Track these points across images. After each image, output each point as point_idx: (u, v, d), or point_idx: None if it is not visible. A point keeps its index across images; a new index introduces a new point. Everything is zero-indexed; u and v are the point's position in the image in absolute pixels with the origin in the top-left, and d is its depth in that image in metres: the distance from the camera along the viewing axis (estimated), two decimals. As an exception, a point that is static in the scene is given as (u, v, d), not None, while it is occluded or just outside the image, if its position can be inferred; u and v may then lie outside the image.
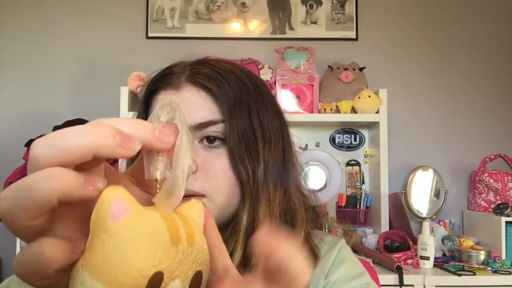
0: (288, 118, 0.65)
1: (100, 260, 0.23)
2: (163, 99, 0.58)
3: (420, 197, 2.17)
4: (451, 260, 1.87)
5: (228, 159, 0.56)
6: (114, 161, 1.95)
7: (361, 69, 2.11)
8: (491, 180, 2.05)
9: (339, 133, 2.21)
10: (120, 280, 0.23)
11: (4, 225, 0.23)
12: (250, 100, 0.58)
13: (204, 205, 0.30)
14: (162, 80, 0.59)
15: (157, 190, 0.27)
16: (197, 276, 0.27)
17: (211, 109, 0.56)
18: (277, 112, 0.63)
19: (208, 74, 0.58)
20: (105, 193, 0.24)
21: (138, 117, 0.60)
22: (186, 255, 0.25)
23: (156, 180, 0.27)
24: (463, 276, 1.68)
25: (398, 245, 1.91)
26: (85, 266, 0.24)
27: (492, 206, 2.02)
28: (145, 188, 0.31)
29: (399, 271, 1.64)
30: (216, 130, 0.56)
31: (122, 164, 0.74)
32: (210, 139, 0.56)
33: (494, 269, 1.74)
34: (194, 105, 0.56)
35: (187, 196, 0.48)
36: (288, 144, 0.63)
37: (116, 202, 0.24)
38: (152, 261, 0.23)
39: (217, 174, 0.55)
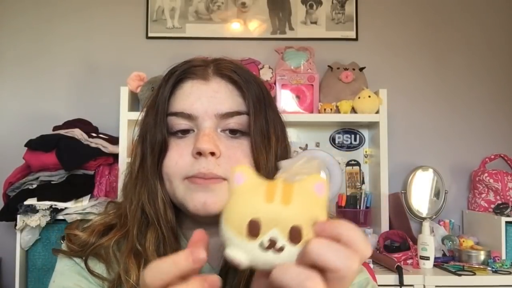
0: (288, 118, 0.70)
1: (227, 211, 0.37)
2: (191, 87, 0.62)
3: (420, 197, 2.17)
4: (451, 260, 1.87)
5: (250, 149, 0.61)
6: (113, 162, 1.95)
7: (361, 69, 2.11)
8: (491, 180, 2.05)
9: (339, 133, 2.21)
10: (234, 223, 0.36)
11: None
12: (265, 100, 0.64)
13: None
14: (189, 71, 0.63)
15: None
16: (295, 229, 0.35)
17: (237, 101, 0.62)
18: (279, 115, 0.69)
19: (234, 69, 0.63)
20: (234, 168, 0.39)
21: (151, 106, 0.64)
22: (279, 211, 0.35)
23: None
24: (463, 276, 1.68)
25: (398, 245, 1.91)
26: (223, 217, 0.38)
27: (492, 206, 2.02)
28: None
29: (399, 271, 1.64)
30: (239, 121, 0.61)
31: (121, 165, 0.75)
32: (232, 131, 0.61)
33: (494, 269, 1.74)
34: (222, 95, 0.61)
35: (210, 178, 0.58)
36: (289, 144, 0.68)
37: (238, 174, 0.38)
38: (250, 211, 0.36)
39: (239, 162, 0.60)
